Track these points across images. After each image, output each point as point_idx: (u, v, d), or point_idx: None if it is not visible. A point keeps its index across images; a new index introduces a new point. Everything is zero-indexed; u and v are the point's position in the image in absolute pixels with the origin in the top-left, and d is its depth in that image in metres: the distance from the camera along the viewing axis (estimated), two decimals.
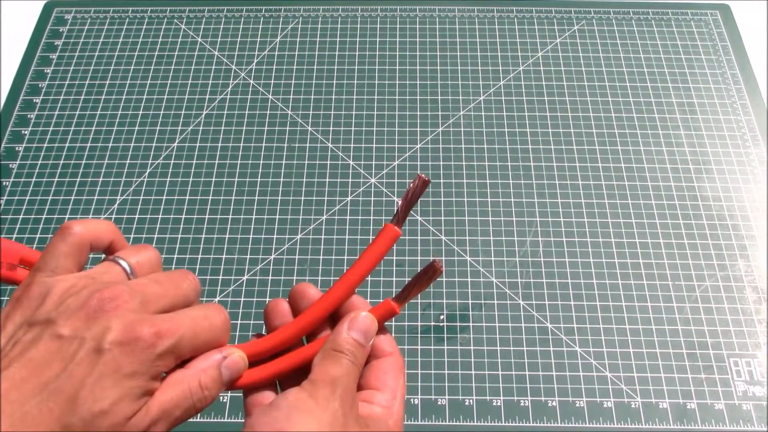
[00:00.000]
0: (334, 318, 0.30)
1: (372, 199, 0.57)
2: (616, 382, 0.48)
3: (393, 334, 0.50)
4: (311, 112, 0.63)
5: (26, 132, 0.62)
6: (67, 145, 0.61)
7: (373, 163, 0.59)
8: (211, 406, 0.47)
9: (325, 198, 0.57)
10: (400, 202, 0.31)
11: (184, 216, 0.56)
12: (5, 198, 0.57)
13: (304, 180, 0.58)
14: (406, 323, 0.51)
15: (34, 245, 0.55)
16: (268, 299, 0.52)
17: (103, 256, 0.28)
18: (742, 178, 0.58)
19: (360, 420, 0.26)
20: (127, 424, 0.22)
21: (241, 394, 0.29)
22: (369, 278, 0.53)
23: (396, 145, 0.60)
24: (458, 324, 0.51)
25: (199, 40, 0.68)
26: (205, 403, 0.26)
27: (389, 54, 0.67)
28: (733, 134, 0.61)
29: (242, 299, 0.52)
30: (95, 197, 0.57)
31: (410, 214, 0.56)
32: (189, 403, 0.25)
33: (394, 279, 0.52)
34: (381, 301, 0.30)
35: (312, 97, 0.64)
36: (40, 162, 0.60)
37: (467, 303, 0.52)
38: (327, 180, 0.58)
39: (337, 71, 0.66)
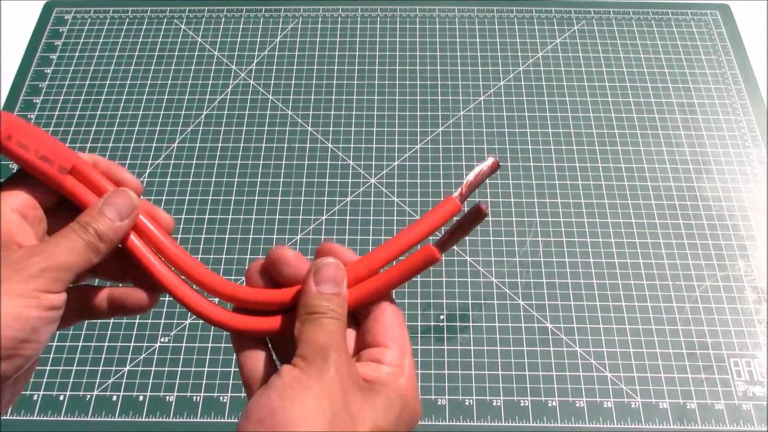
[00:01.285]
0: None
1: (372, 199, 0.57)
2: (616, 382, 0.48)
3: None
4: (311, 112, 0.63)
5: None
6: (67, 144, 0.61)
7: (373, 163, 0.59)
8: (211, 406, 0.47)
9: (325, 198, 0.57)
10: (467, 180, 0.29)
11: (184, 216, 0.56)
12: None
13: (304, 180, 0.58)
14: (407, 323, 0.51)
15: None
16: None
17: None
18: (742, 178, 0.58)
19: (363, 383, 0.25)
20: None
21: (242, 395, 0.29)
22: None
23: (396, 145, 0.60)
24: (458, 324, 0.51)
25: (199, 40, 0.68)
26: (103, 245, 0.25)
27: (389, 54, 0.67)
28: (733, 134, 0.61)
29: None
30: None
31: (410, 214, 0.56)
32: (79, 245, 0.25)
33: None
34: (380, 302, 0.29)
35: (312, 97, 0.64)
36: None
37: (467, 303, 0.52)
38: (327, 180, 0.58)
39: (337, 71, 0.66)
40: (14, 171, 0.27)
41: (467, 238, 0.55)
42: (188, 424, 0.47)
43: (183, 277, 0.28)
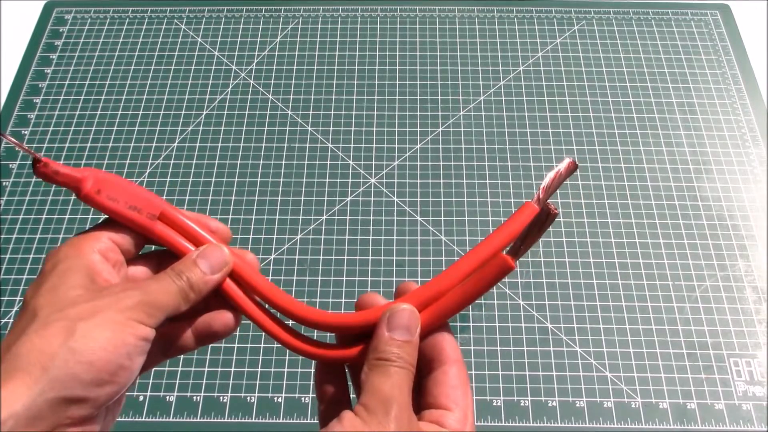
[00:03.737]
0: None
1: (372, 199, 0.57)
2: (616, 382, 0.48)
3: None
4: (311, 112, 0.63)
5: (26, 132, 0.62)
6: (67, 145, 0.61)
7: (373, 163, 0.59)
8: (211, 405, 0.47)
9: (325, 198, 0.57)
10: (544, 184, 0.28)
11: None
12: (5, 198, 0.57)
13: (304, 180, 0.58)
14: None
15: (34, 245, 0.55)
16: None
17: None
18: (742, 178, 0.58)
19: None
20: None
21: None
22: (369, 279, 0.53)
23: (396, 145, 0.60)
24: (458, 324, 0.51)
25: (199, 40, 0.68)
26: (193, 294, 0.26)
27: (389, 54, 0.67)
28: (733, 134, 0.61)
29: None
30: None
31: (410, 214, 0.56)
32: (173, 289, 0.26)
33: (393, 279, 0.52)
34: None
35: (312, 97, 0.64)
36: None
37: None
38: (327, 180, 0.58)
39: (337, 71, 0.66)
40: (101, 220, 0.28)
41: (467, 238, 0.55)
42: (188, 424, 0.47)
43: (278, 313, 0.29)
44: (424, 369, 0.28)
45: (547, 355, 0.49)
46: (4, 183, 0.58)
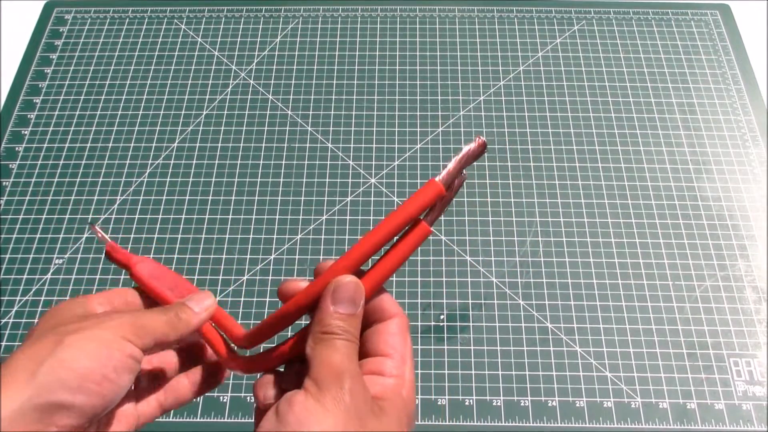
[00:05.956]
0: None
1: (372, 199, 0.57)
2: (616, 382, 0.48)
3: None
4: (311, 112, 0.63)
5: (26, 132, 0.62)
6: (67, 145, 0.61)
7: (373, 163, 0.59)
8: (211, 405, 0.47)
9: (325, 198, 0.57)
10: (452, 162, 0.28)
11: (184, 216, 0.56)
12: (5, 198, 0.57)
13: (304, 180, 0.58)
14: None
15: (34, 245, 0.55)
16: (268, 299, 0.52)
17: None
18: (742, 178, 0.58)
19: (373, 404, 0.24)
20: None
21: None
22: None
23: (396, 145, 0.60)
24: (458, 324, 0.51)
25: (199, 40, 0.68)
26: (181, 324, 0.27)
27: (389, 54, 0.67)
28: (733, 134, 0.61)
29: (242, 299, 0.52)
30: (95, 197, 0.57)
31: None
32: (162, 318, 0.27)
33: (393, 279, 0.52)
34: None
35: (312, 97, 0.64)
36: (40, 162, 0.60)
37: (467, 303, 0.52)
38: (327, 180, 0.58)
39: (337, 71, 0.66)
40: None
41: (467, 238, 0.55)
42: (188, 424, 0.47)
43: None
44: (366, 327, 0.28)
45: (547, 355, 0.49)
46: (4, 183, 0.58)
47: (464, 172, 0.27)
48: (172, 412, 0.47)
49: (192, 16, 0.70)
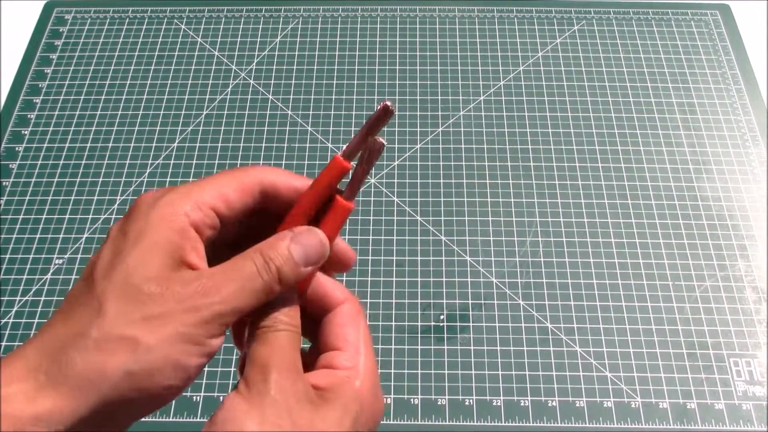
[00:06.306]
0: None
1: (372, 199, 0.57)
2: (616, 382, 0.48)
3: (392, 334, 0.50)
4: (311, 112, 0.63)
5: (26, 132, 0.62)
6: (67, 145, 0.61)
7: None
8: (211, 406, 0.47)
9: None
10: (357, 134, 0.26)
11: None
12: (5, 198, 0.57)
13: None
14: (407, 323, 0.51)
15: (34, 245, 0.55)
16: None
17: None
18: (742, 178, 0.58)
19: (313, 396, 0.23)
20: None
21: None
22: (368, 279, 0.53)
23: (396, 145, 0.60)
24: (458, 324, 0.51)
25: (199, 40, 0.68)
26: (279, 288, 0.23)
27: (389, 54, 0.67)
28: (733, 134, 0.61)
29: None
30: (95, 197, 0.57)
31: (410, 214, 0.56)
32: (258, 287, 0.23)
33: (393, 279, 0.52)
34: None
35: (312, 97, 0.64)
36: (40, 162, 0.60)
37: (467, 303, 0.52)
38: None
39: (337, 71, 0.66)
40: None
41: (467, 238, 0.55)
42: (188, 424, 0.47)
43: None
44: (318, 318, 0.27)
45: (547, 355, 0.49)
46: (4, 183, 0.58)
47: (381, 140, 0.25)
48: (171, 411, 0.47)
49: (192, 16, 0.70)
